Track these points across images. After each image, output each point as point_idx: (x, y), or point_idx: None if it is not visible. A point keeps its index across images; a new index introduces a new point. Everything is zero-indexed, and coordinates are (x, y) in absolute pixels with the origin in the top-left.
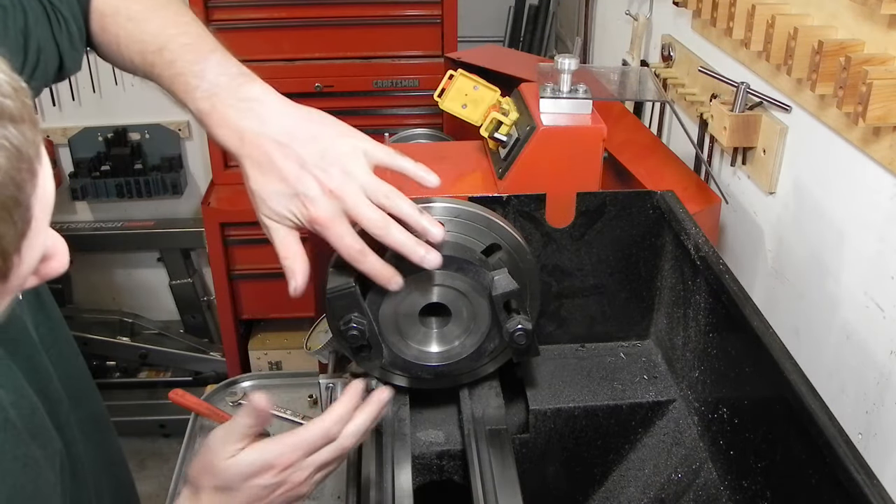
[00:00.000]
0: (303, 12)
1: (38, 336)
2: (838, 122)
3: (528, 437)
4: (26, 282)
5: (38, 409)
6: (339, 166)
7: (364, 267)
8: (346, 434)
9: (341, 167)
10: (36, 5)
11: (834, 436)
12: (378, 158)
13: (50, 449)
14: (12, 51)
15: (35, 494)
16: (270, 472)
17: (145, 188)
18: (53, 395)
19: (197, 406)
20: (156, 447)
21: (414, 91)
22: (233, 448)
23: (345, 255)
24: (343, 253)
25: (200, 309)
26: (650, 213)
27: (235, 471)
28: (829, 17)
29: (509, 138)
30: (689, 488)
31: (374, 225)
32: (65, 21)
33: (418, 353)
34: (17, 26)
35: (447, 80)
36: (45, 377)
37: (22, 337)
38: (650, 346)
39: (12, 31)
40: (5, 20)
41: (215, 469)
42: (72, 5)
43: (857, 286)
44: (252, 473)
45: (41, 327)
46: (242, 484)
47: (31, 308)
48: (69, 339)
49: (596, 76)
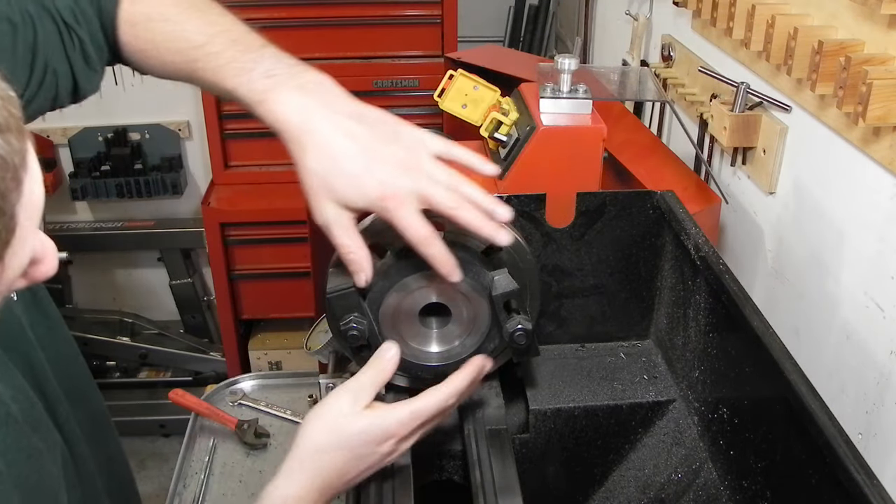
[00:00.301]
0: (303, 12)
1: (36, 336)
2: (838, 122)
3: (528, 437)
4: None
5: (37, 404)
6: (408, 148)
7: (430, 251)
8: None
9: (411, 149)
10: (49, 25)
11: (834, 436)
12: (436, 148)
13: (50, 441)
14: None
15: (39, 484)
16: (392, 440)
17: (145, 188)
18: (51, 394)
19: (197, 406)
20: (156, 447)
21: (414, 91)
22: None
23: (413, 237)
24: (411, 235)
25: (200, 309)
26: (650, 213)
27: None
28: (829, 17)
29: (509, 138)
30: (689, 488)
31: (446, 204)
32: (80, 42)
33: (418, 353)
34: (26, 42)
35: (447, 80)
36: (43, 376)
37: (18, 336)
38: (650, 346)
39: (21, 48)
40: (14, 36)
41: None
42: (91, 26)
43: (857, 286)
44: (376, 438)
45: (38, 327)
46: (366, 447)
47: (28, 308)
48: (67, 339)
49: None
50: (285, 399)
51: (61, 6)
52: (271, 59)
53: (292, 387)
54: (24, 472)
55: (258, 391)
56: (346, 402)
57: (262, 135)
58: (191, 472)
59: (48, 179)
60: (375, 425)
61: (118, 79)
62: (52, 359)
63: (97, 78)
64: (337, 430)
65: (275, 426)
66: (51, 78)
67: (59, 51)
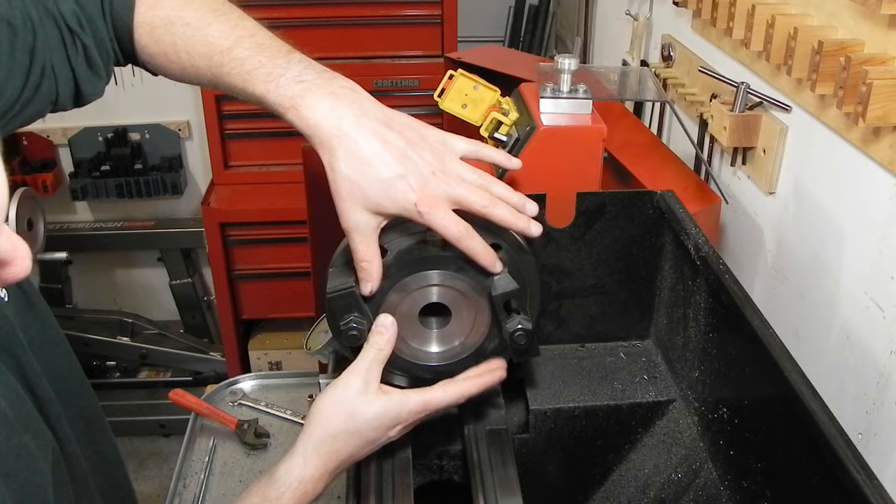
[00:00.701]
0: (303, 12)
1: (28, 337)
2: (838, 122)
3: (528, 437)
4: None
5: (27, 402)
6: (436, 151)
7: (470, 245)
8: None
9: (439, 152)
10: (51, 29)
11: (834, 436)
12: (462, 149)
13: (40, 440)
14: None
15: (26, 483)
16: (400, 426)
17: (145, 188)
18: (43, 395)
19: (197, 406)
20: (156, 447)
21: (414, 91)
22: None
23: (451, 236)
24: (451, 235)
25: (200, 309)
26: (650, 213)
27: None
28: (829, 17)
29: (509, 138)
30: (689, 488)
31: (479, 203)
32: (83, 47)
33: (418, 353)
34: (25, 45)
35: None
36: (34, 377)
37: (9, 337)
38: (650, 346)
39: (19, 50)
40: (13, 38)
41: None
42: (97, 32)
43: (857, 286)
44: (388, 424)
45: (30, 328)
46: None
47: (20, 309)
48: (60, 340)
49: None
50: (285, 399)
51: (65, 11)
52: (300, 64)
53: (292, 387)
54: (13, 471)
55: (258, 391)
56: (357, 386)
57: (262, 135)
58: (191, 472)
59: (48, 179)
60: (389, 411)
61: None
62: (44, 360)
63: (102, 83)
64: (351, 416)
65: (275, 426)
66: (50, 82)
67: (61, 55)
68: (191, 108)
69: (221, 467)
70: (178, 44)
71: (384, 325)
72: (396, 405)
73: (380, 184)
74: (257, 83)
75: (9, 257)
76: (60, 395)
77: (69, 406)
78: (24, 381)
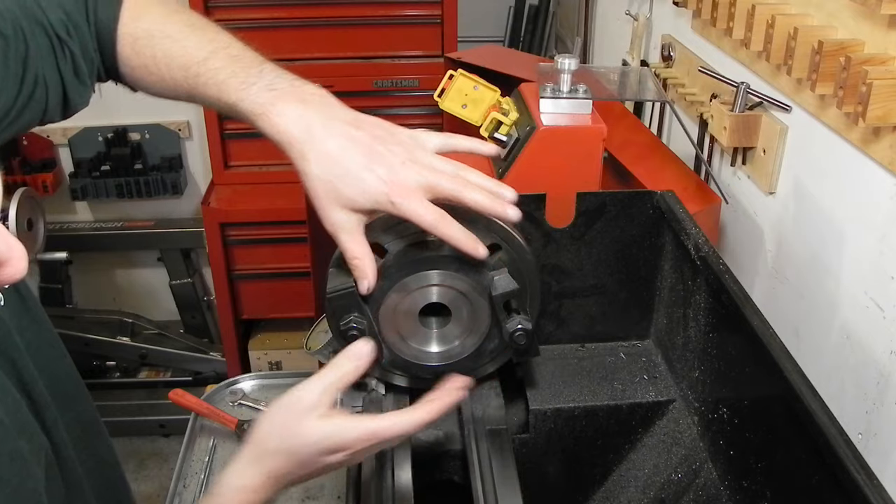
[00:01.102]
0: (303, 12)
1: (24, 340)
2: (838, 122)
3: (528, 437)
4: None
5: (23, 406)
6: (406, 145)
7: (448, 232)
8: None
9: (409, 145)
10: (42, 39)
11: (834, 436)
12: (434, 143)
13: (35, 444)
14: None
15: (19, 487)
16: (343, 453)
17: (145, 188)
18: (39, 399)
19: (197, 406)
20: (156, 447)
21: (414, 91)
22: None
23: (426, 223)
24: (425, 222)
25: (200, 309)
26: (650, 213)
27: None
28: (828, 17)
29: (509, 138)
30: (689, 488)
31: (452, 188)
32: (71, 55)
33: (418, 353)
34: (17, 55)
35: (447, 80)
36: (31, 381)
37: (4, 340)
38: (650, 346)
39: (12, 61)
40: (6, 49)
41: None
42: (83, 39)
43: (857, 286)
44: (327, 449)
45: (26, 332)
46: (314, 457)
47: (16, 312)
48: (56, 342)
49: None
50: None
51: (54, 20)
52: (272, 73)
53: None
54: (6, 475)
55: (258, 391)
56: (306, 405)
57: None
58: (191, 472)
59: (48, 179)
60: (328, 437)
61: None
62: (41, 364)
63: (88, 92)
64: (289, 436)
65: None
66: (41, 91)
67: (51, 64)
68: (191, 108)
69: (221, 467)
70: (157, 56)
71: (358, 354)
72: (339, 432)
73: (351, 179)
74: (231, 92)
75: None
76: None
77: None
78: (21, 385)
